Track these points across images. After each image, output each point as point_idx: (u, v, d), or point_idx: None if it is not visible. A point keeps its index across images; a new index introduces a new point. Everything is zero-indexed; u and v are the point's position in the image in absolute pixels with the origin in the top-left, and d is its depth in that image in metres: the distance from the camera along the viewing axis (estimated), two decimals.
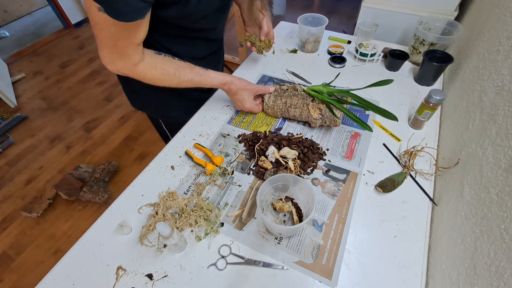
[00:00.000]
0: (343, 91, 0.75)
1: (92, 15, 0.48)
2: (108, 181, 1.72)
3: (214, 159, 0.71)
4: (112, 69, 0.59)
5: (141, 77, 0.62)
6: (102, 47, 0.55)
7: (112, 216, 0.64)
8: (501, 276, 0.35)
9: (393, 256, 0.55)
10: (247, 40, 0.88)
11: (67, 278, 0.55)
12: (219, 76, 0.73)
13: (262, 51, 0.90)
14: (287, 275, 0.54)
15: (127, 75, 0.62)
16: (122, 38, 0.52)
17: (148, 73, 0.62)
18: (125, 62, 0.57)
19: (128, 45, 0.54)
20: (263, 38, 0.87)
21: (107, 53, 0.56)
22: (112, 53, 0.55)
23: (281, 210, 0.62)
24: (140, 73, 0.61)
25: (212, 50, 0.83)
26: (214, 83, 0.72)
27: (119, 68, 0.59)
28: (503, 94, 0.50)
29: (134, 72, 0.60)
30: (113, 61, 0.57)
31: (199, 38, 0.74)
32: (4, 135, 2.02)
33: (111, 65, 0.58)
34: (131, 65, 0.58)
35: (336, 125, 0.75)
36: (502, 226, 0.38)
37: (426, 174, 0.67)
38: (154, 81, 0.64)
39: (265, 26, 0.85)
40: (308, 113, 0.76)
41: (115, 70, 0.60)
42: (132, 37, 0.53)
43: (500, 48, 0.59)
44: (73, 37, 3.09)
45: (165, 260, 0.57)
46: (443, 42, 0.90)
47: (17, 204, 1.65)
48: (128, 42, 0.53)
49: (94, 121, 2.14)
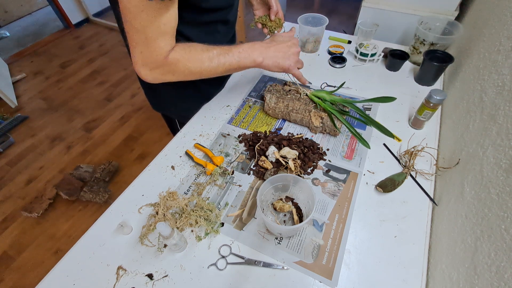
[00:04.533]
0: (346, 101, 0.75)
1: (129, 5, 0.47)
2: (109, 181, 1.72)
3: (214, 159, 0.71)
4: (145, 73, 0.56)
5: (173, 69, 0.57)
6: (134, 47, 0.53)
7: (113, 216, 0.64)
8: (502, 277, 0.35)
9: (393, 256, 0.55)
10: (257, 22, 0.87)
11: (68, 278, 0.55)
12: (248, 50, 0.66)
13: (274, 31, 0.89)
14: (287, 275, 0.54)
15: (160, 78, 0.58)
16: (152, 25, 0.50)
17: (181, 60, 0.57)
18: (156, 57, 0.54)
19: (159, 35, 0.51)
20: (274, 18, 0.87)
21: (138, 53, 0.53)
22: (143, 51, 0.53)
23: (281, 210, 0.62)
24: (172, 63, 0.56)
25: (230, 35, 0.82)
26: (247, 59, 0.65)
27: (152, 67, 0.56)
28: (504, 94, 0.50)
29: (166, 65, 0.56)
30: (145, 62, 0.54)
31: (217, 21, 0.72)
32: (4, 135, 2.02)
33: (144, 68, 0.55)
34: (162, 59, 0.55)
35: (335, 135, 0.76)
36: (502, 226, 0.38)
37: (427, 174, 0.67)
38: (189, 69, 0.59)
39: (274, 5, 0.84)
40: (310, 120, 0.76)
41: (147, 72, 0.56)
42: (162, 23, 0.50)
43: (500, 48, 0.59)
44: (74, 37, 3.09)
45: (166, 260, 0.57)
46: (444, 42, 0.89)
47: (18, 204, 1.65)
48: (159, 30, 0.51)
49: (95, 121, 2.14)
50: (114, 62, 2.70)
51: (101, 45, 2.94)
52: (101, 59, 2.75)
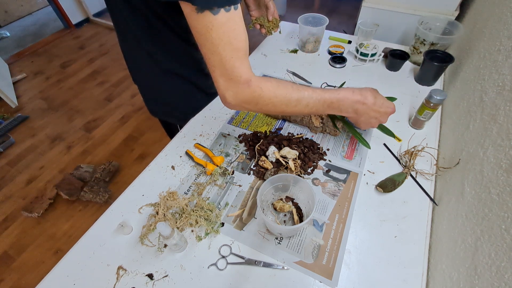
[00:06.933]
0: None
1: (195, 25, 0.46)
2: (109, 181, 1.72)
3: (214, 159, 0.71)
4: (229, 97, 0.52)
5: (257, 95, 0.53)
6: (214, 70, 0.50)
7: (113, 216, 0.64)
8: (502, 277, 0.35)
9: (394, 256, 0.55)
10: (255, 23, 0.88)
11: (68, 278, 0.55)
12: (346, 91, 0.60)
13: (271, 31, 0.89)
14: (288, 275, 0.54)
15: (245, 102, 0.54)
16: (224, 43, 0.47)
17: (264, 87, 0.53)
18: (237, 81, 0.51)
19: (233, 54, 0.49)
20: (271, 18, 0.87)
21: (219, 76, 0.51)
22: (223, 74, 0.50)
23: (281, 210, 0.62)
24: (256, 89, 0.52)
25: None
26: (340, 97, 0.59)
27: (235, 91, 0.52)
28: (504, 94, 0.50)
29: (250, 90, 0.52)
30: (227, 86, 0.51)
31: None
32: (5, 135, 2.03)
33: (228, 92, 0.52)
34: (244, 82, 0.51)
35: (335, 135, 0.76)
36: (503, 226, 0.38)
37: (427, 174, 0.67)
38: (271, 99, 0.55)
39: (271, 6, 0.85)
40: (310, 120, 0.76)
41: (232, 97, 0.52)
42: (233, 38, 0.48)
43: (501, 48, 0.58)
44: (74, 37, 3.09)
45: (166, 260, 0.57)
46: (444, 42, 0.89)
47: (18, 204, 1.65)
48: (232, 48, 0.48)
49: (95, 121, 2.14)
50: (115, 62, 2.70)
51: (102, 45, 2.94)
52: (101, 59, 2.75)
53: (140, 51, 0.70)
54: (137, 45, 0.68)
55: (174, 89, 0.79)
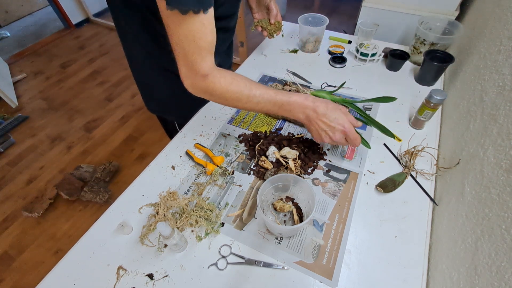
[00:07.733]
0: (346, 101, 0.75)
1: (166, 20, 0.48)
2: (109, 181, 1.72)
3: (214, 159, 0.71)
4: (187, 85, 0.57)
5: (211, 88, 0.57)
6: (178, 60, 0.54)
7: (113, 216, 0.64)
8: (502, 277, 0.35)
9: (394, 256, 0.55)
10: (257, 25, 0.88)
11: (68, 278, 0.55)
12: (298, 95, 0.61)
13: (273, 34, 0.90)
14: (288, 275, 0.54)
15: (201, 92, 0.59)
16: (188, 40, 0.50)
17: (217, 83, 0.57)
18: (195, 73, 0.55)
19: (196, 50, 0.52)
20: (273, 21, 0.87)
21: (181, 65, 0.55)
22: (184, 64, 0.54)
23: (281, 210, 0.62)
24: (210, 83, 0.56)
25: (228, 42, 0.82)
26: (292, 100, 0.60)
27: (192, 81, 0.56)
28: (504, 94, 0.50)
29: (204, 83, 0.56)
30: (186, 75, 0.55)
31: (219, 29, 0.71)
32: (5, 135, 2.03)
33: (186, 80, 0.57)
34: (201, 76, 0.55)
35: None
36: (503, 226, 0.38)
37: (427, 174, 0.67)
38: (223, 94, 0.58)
39: (274, 8, 0.85)
40: None
41: (189, 85, 0.57)
42: (197, 38, 0.51)
43: (501, 48, 0.58)
44: (74, 37, 3.09)
45: (166, 260, 0.57)
46: (444, 42, 0.89)
47: (18, 204, 1.65)
48: (195, 46, 0.51)
49: (95, 121, 2.14)
50: (115, 62, 2.70)
51: (102, 45, 2.94)
52: (101, 59, 2.75)
53: (139, 49, 0.70)
54: (135, 43, 0.69)
55: (172, 87, 0.78)
